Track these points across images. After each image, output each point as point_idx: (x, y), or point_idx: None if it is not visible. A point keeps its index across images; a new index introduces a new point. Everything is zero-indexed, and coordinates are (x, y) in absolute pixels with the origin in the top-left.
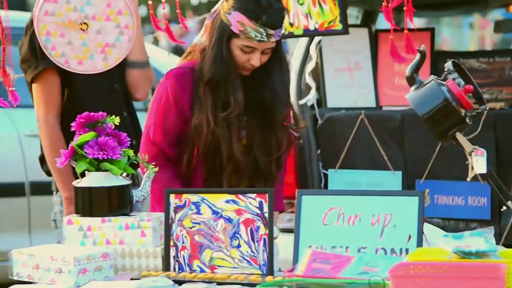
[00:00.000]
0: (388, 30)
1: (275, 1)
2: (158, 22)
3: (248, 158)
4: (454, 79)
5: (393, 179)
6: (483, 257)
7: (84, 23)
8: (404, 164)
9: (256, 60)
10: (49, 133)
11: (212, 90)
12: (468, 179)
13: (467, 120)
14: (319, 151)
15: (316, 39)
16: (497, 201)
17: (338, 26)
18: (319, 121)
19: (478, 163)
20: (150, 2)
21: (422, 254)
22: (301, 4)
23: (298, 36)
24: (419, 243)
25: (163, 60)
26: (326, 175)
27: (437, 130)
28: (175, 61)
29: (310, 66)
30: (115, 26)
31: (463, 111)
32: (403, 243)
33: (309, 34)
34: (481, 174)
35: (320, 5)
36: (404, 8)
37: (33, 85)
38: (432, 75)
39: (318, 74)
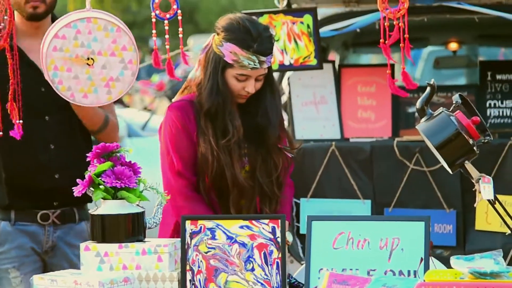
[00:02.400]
0: (350, 66)
1: (264, 29)
2: (160, 58)
3: (253, 183)
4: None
5: (362, 207)
6: (496, 277)
7: (91, 58)
8: (373, 193)
9: (251, 87)
10: None
11: (211, 120)
12: (475, 204)
13: (475, 149)
14: None
15: (288, 74)
16: (462, 228)
17: (313, 62)
18: None
19: (486, 189)
20: (154, 39)
21: (436, 275)
22: (277, 41)
23: (273, 71)
24: (427, 266)
25: None
26: (298, 204)
27: (448, 159)
28: None
29: (282, 100)
30: (119, 61)
31: (471, 141)
32: (411, 265)
33: (284, 69)
34: (488, 200)
35: (295, 41)
36: (401, 44)
37: None
38: (441, 107)
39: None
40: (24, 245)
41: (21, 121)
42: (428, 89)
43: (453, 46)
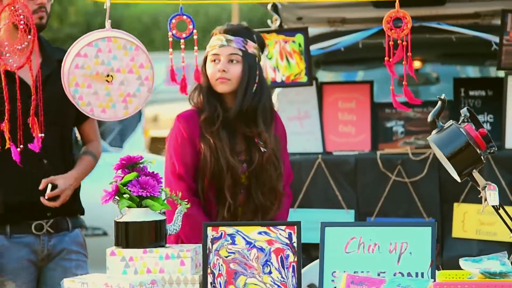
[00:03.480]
0: (331, 83)
1: (242, 24)
2: (176, 75)
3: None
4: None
5: (346, 216)
6: (505, 277)
7: (110, 75)
8: (357, 203)
9: (223, 64)
10: None
11: (203, 112)
12: (482, 210)
13: (482, 159)
14: None
15: (277, 90)
16: (440, 235)
17: (304, 79)
18: None
19: (491, 196)
20: (170, 57)
21: (448, 276)
22: (270, 59)
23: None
24: (435, 268)
25: None
26: None
27: (458, 168)
28: None
29: None
30: (136, 78)
31: (479, 151)
32: (419, 268)
33: (276, 85)
34: (493, 206)
35: (287, 59)
36: (404, 62)
37: None
38: (451, 120)
39: None
40: (21, 258)
41: (42, 135)
42: (439, 103)
43: (416, 64)
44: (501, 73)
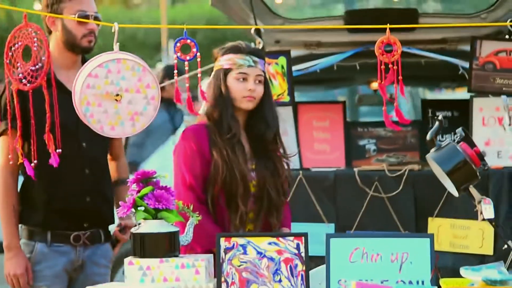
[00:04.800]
0: (305, 102)
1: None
2: (180, 95)
3: (260, 195)
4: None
5: (327, 230)
6: (505, 284)
7: (119, 94)
8: (336, 217)
9: (252, 85)
10: (1, 183)
11: (217, 126)
12: (478, 221)
13: (478, 175)
14: None
15: None
16: None
17: (286, 98)
18: None
19: (487, 210)
20: (175, 78)
21: (450, 283)
22: None
23: None
24: (435, 276)
25: None
26: None
27: (456, 183)
28: None
29: None
30: (143, 97)
31: (475, 168)
32: (419, 276)
33: None
34: (488, 219)
35: (271, 80)
36: (395, 85)
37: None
38: (448, 139)
39: None
40: (57, 265)
41: (59, 150)
42: (437, 123)
43: (374, 85)
44: (467, 95)
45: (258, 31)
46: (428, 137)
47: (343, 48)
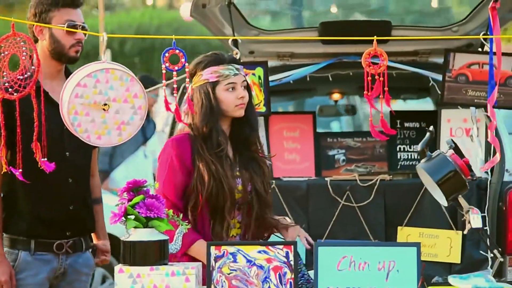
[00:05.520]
0: (276, 113)
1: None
2: (169, 104)
3: (247, 199)
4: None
5: (298, 238)
6: None
7: (106, 104)
8: (308, 226)
9: (242, 92)
10: None
11: (205, 141)
12: (465, 232)
13: (467, 185)
14: None
15: None
16: None
17: (262, 109)
18: None
19: (475, 219)
20: (164, 88)
21: None
22: None
23: None
24: (422, 285)
25: None
26: None
27: (446, 194)
28: None
29: None
30: (130, 107)
31: (464, 178)
32: (406, 284)
33: None
34: (476, 228)
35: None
36: (380, 96)
37: None
38: (438, 150)
39: None
40: (40, 274)
41: (45, 159)
42: (428, 134)
43: (336, 96)
44: (432, 106)
45: (235, 42)
46: (419, 147)
47: (316, 60)
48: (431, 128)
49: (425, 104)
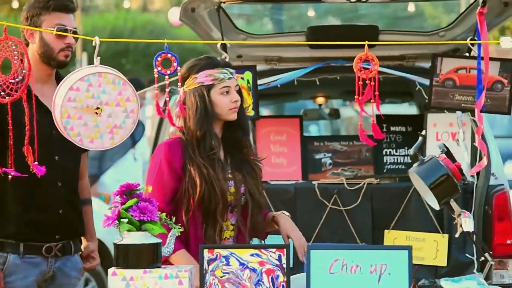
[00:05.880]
0: (263, 116)
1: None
2: (162, 109)
3: (240, 201)
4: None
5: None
6: None
7: (99, 108)
8: None
9: (236, 96)
10: None
11: (198, 145)
12: (457, 235)
13: (459, 189)
14: None
15: None
16: None
17: (251, 113)
18: None
19: (466, 223)
20: (156, 92)
21: None
22: None
23: None
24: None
25: None
26: None
27: (439, 197)
28: None
29: None
30: (123, 111)
31: (457, 182)
32: (398, 287)
33: None
34: (468, 231)
35: None
36: (371, 101)
37: None
38: (430, 154)
39: None
40: (29, 277)
41: (35, 163)
42: (420, 138)
43: (320, 100)
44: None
45: (224, 46)
46: (411, 152)
47: (304, 64)
48: (423, 132)
49: (409, 108)
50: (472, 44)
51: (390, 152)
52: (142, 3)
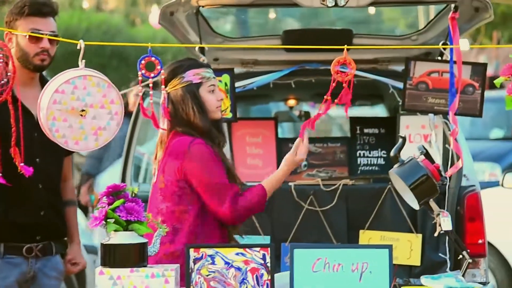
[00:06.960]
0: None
1: None
2: (147, 110)
3: None
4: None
5: (262, 241)
6: None
7: (84, 110)
8: (272, 229)
9: (220, 94)
10: None
11: (211, 139)
12: (436, 234)
13: (438, 189)
14: None
15: None
16: None
17: (229, 115)
18: None
19: (445, 222)
20: (140, 94)
21: None
22: None
23: None
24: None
25: None
26: None
27: (418, 198)
28: None
29: None
30: (107, 113)
31: (436, 182)
32: (378, 285)
33: None
34: (446, 231)
35: None
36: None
37: None
38: (410, 155)
39: None
40: (9, 277)
41: (22, 164)
42: (400, 140)
43: (291, 102)
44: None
45: (202, 49)
46: (392, 153)
47: (279, 67)
48: (403, 134)
49: (379, 111)
50: (444, 48)
51: (363, 153)
52: (96, 3)
